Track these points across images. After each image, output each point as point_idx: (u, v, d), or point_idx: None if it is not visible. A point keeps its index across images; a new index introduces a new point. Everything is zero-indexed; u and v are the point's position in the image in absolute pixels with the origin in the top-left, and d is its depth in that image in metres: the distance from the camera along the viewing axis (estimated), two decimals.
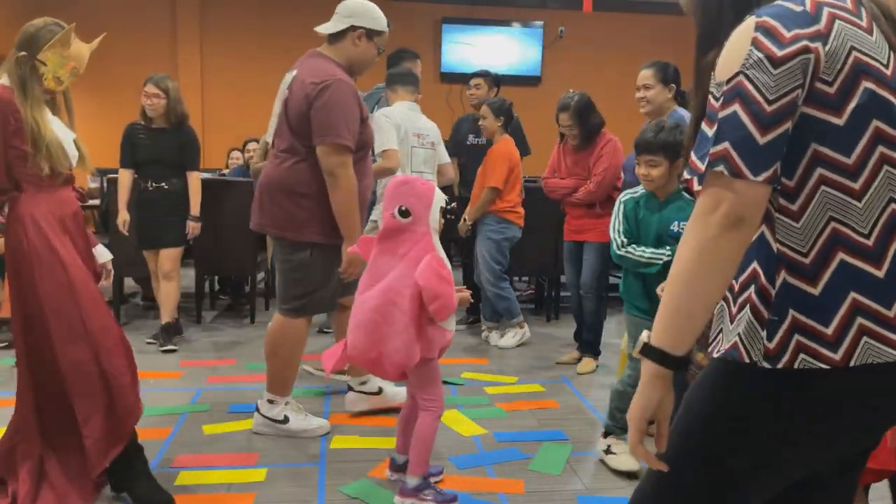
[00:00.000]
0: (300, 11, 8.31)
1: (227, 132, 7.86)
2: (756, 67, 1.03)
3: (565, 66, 8.60)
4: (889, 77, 1.07)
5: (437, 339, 2.39)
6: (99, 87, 8.13)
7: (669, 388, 1.10)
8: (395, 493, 2.48)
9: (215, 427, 3.08)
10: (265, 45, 8.31)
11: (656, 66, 3.47)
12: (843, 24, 1.06)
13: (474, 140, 4.84)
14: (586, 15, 7.20)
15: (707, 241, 1.03)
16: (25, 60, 2.30)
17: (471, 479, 2.67)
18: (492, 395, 3.61)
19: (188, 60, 8.25)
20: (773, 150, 1.02)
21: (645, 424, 1.12)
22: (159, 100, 4.26)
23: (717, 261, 1.03)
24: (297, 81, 2.83)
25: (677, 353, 1.07)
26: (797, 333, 1.07)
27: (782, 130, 1.03)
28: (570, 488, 2.62)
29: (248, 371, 3.91)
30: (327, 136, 2.74)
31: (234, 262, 4.94)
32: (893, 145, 1.06)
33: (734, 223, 1.01)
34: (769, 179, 1.02)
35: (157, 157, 4.33)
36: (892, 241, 1.06)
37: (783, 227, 1.09)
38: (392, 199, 2.39)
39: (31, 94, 2.29)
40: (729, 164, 1.02)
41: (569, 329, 5.07)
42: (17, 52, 2.31)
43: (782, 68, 1.02)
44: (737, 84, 1.04)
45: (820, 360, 1.06)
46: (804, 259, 1.07)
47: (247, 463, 2.75)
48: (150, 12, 8.13)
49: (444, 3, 8.53)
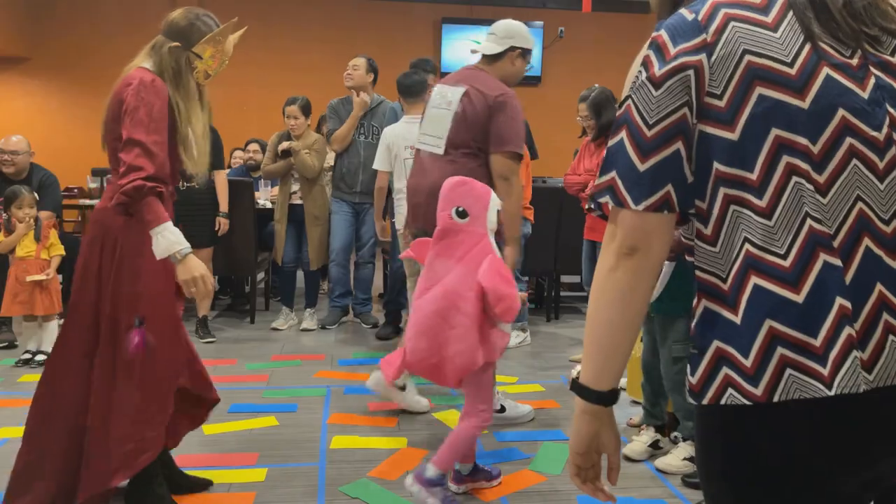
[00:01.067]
0: (300, 12, 8.31)
1: (227, 132, 7.84)
2: (640, 90, 0.98)
3: (565, 66, 8.60)
4: (794, 76, 0.94)
5: (498, 342, 2.37)
6: (99, 88, 8.13)
7: (604, 423, 1.04)
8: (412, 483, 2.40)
9: (215, 427, 3.08)
10: (265, 46, 8.30)
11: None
12: (737, 26, 0.96)
13: None
14: (586, 15, 7.19)
15: (606, 272, 1.00)
16: (180, 51, 2.23)
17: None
18: None
19: None
20: (655, 177, 0.96)
21: (581, 459, 1.07)
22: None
23: (615, 291, 0.99)
24: (476, 93, 3.00)
25: (600, 388, 1.02)
26: (725, 365, 0.96)
27: (666, 154, 0.96)
28: (570, 488, 2.62)
29: (249, 371, 3.91)
30: (507, 145, 2.94)
31: (235, 262, 4.94)
32: (800, 153, 0.93)
33: (627, 253, 0.98)
34: (653, 207, 0.96)
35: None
36: (812, 262, 0.93)
37: (702, 253, 1.01)
38: (449, 200, 2.38)
39: (186, 86, 2.23)
40: (614, 194, 0.98)
41: (569, 329, 5.07)
42: (169, 41, 2.23)
43: (662, 89, 0.96)
44: (625, 109, 1.00)
45: (743, 395, 0.94)
46: (723, 284, 0.98)
47: (247, 463, 2.75)
48: (150, 12, 8.11)
49: (444, 3, 8.53)
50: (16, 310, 4.02)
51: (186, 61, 2.23)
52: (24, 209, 4.07)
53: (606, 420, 1.05)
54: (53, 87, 8.14)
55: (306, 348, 4.44)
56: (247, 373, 3.88)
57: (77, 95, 8.17)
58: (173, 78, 2.21)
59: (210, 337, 4.55)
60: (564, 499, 2.55)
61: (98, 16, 8.00)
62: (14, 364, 3.99)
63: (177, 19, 2.27)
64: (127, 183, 2.03)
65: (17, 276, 3.98)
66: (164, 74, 2.20)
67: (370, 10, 8.24)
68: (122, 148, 2.08)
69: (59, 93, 8.16)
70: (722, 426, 0.98)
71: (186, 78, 2.23)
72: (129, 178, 2.03)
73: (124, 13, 8.08)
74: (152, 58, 2.24)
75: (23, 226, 4.04)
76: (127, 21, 8.13)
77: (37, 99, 8.09)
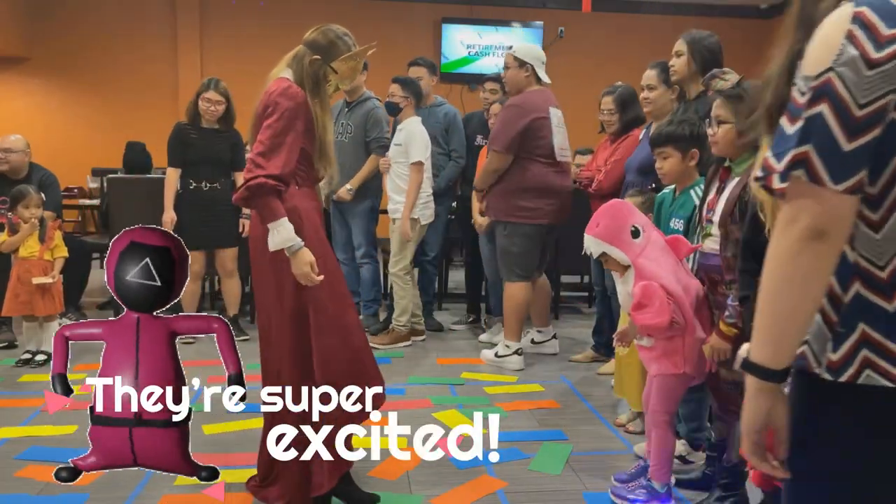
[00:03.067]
0: (300, 11, 8.31)
1: None
2: (848, 66, 0.94)
3: (565, 66, 8.58)
4: None
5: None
6: (99, 88, 8.13)
7: (778, 399, 1.06)
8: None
9: (215, 427, 3.08)
10: (265, 45, 8.29)
11: (660, 66, 3.45)
12: None
13: (482, 141, 4.85)
14: (586, 15, 7.19)
15: (787, 254, 0.97)
16: (319, 64, 2.39)
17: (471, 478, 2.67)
18: (492, 395, 3.61)
19: (188, 60, 8.24)
20: (858, 158, 0.95)
21: (757, 436, 1.08)
22: (221, 106, 4.36)
23: (798, 276, 0.97)
24: None
25: (777, 367, 1.03)
26: (865, 348, 1.01)
27: (870, 137, 0.95)
28: (570, 488, 2.63)
29: (249, 371, 3.90)
30: None
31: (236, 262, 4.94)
32: None
33: (815, 236, 0.95)
34: (851, 189, 0.95)
35: (211, 158, 4.41)
36: None
37: (862, 237, 1.01)
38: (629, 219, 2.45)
39: (322, 96, 2.40)
40: (809, 170, 0.95)
41: (570, 328, 5.07)
42: (311, 54, 2.40)
43: (877, 71, 0.94)
44: (825, 82, 0.95)
45: (887, 377, 1.00)
46: (881, 273, 1.00)
47: (247, 463, 2.75)
48: (150, 12, 8.13)
49: (444, 3, 8.53)
50: (17, 310, 4.00)
51: (323, 74, 2.40)
52: (30, 209, 4.04)
53: (780, 396, 1.07)
54: (53, 87, 8.13)
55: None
56: (247, 372, 3.85)
57: (77, 95, 8.16)
58: (312, 88, 2.38)
59: (244, 335, 4.53)
60: (565, 499, 2.55)
61: (98, 16, 7.99)
62: (14, 364, 3.98)
63: (322, 34, 2.44)
64: (251, 179, 2.20)
65: (20, 277, 3.96)
66: (303, 83, 2.37)
67: (370, 10, 8.24)
68: (254, 148, 2.26)
69: (59, 92, 8.15)
70: (853, 404, 1.03)
71: (323, 88, 2.41)
72: (253, 175, 2.20)
73: (124, 13, 8.07)
74: (292, 67, 2.40)
75: (28, 226, 4.01)
76: (127, 21, 8.13)
77: (37, 99, 8.08)
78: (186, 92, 8.49)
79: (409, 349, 4.44)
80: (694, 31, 3.21)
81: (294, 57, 2.42)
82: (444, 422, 3.24)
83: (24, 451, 2.83)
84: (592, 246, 2.41)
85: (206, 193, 4.39)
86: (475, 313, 5.10)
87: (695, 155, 2.67)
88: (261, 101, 2.35)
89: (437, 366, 4.18)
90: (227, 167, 4.47)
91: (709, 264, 2.38)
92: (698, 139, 2.64)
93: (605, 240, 2.37)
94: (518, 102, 3.93)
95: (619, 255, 2.37)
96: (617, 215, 2.41)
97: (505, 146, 3.87)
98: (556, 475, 2.72)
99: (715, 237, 2.34)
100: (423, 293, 4.80)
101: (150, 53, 8.16)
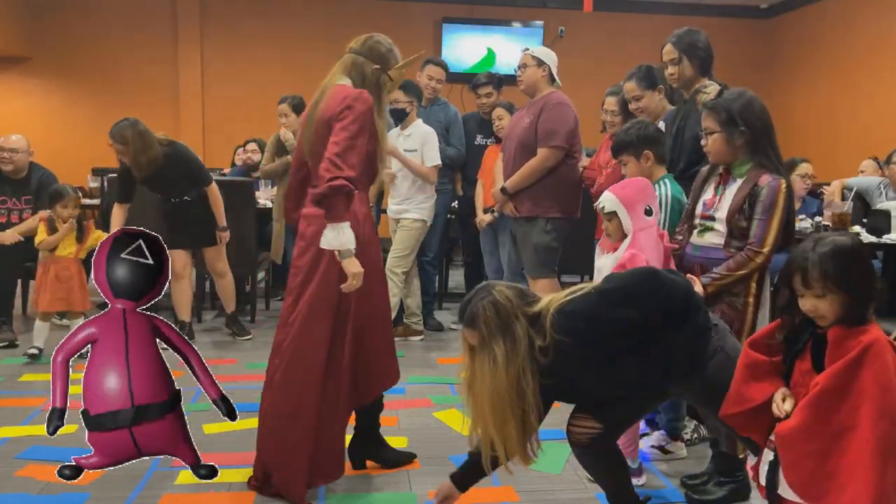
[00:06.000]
0: (300, 12, 8.31)
1: (227, 132, 7.86)
2: None
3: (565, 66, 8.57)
4: None
5: None
6: (99, 87, 8.13)
7: None
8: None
9: (215, 426, 3.09)
10: (265, 45, 8.30)
11: (636, 75, 3.45)
12: None
13: (482, 141, 4.84)
14: (586, 15, 7.18)
15: None
16: (379, 73, 2.50)
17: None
18: None
19: (188, 60, 8.25)
20: None
21: None
22: (125, 155, 4.15)
23: None
24: None
25: None
26: None
27: None
28: (570, 487, 2.63)
29: (249, 370, 3.91)
30: None
31: (235, 262, 4.94)
32: None
33: None
34: None
35: (166, 188, 4.34)
36: None
37: None
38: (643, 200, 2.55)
39: (381, 103, 2.52)
40: None
41: None
42: (371, 63, 2.49)
43: None
44: None
45: None
46: None
47: (247, 462, 2.75)
48: (150, 12, 8.13)
49: (444, 3, 8.53)
50: (55, 305, 4.13)
51: (383, 82, 2.52)
52: (69, 209, 4.15)
53: None
54: (53, 87, 8.13)
55: None
56: (247, 372, 3.87)
57: (77, 95, 8.17)
58: (376, 96, 2.47)
59: (247, 335, 4.57)
60: (565, 499, 2.56)
61: (98, 16, 8.00)
62: (23, 357, 4.02)
63: (376, 44, 2.53)
64: (331, 178, 2.26)
65: (58, 275, 4.08)
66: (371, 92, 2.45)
67: (370, 10, 8.24)
68: (329, 149, 2.31)
69: (59, 92, 8.15)
70: None
71: (383, 97, 2.54)
72: (333, 175, 2.26)
73: (125, 13, 8.08)
74: (350, 76, 2.48)
75: (67, 226, 4.12)
76: (127, 21, 8.13)
77: (37, 99, 8.08)
78: (186, 92, 8.54)
79: (408, 349, 4.44)
80: (682, 34, 3.19)
81: (352, 65, 2.49)
82: (444, 421, 3.25)
83: (25, 451, 2.84)
84: (610, 203, 2.53)
85: (179, 205, 4.35)
86: None
87: (648, 156, 2.82)
88: (328, 104, 2.40)
89: (437, 365, 4.18)
90: (191, 184, 4.31)
91: (708, 257, 2.50)
92: (647, 140, 2.82)
93: (625, 203, 2.49)
94: (564, 100, 4.00)
95: (626, 221, 2.48)
96: (643, 190, 2.57)
97: (567, 142, 3.91)
98: (556, 474, 2.72)
99: (718, 231, 2.47)
100: (423, 293, 4.80)
101: (151, 53, 8.17)
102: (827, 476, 1.61)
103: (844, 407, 1.59)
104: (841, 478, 1.59)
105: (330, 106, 2.38)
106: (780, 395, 1.73)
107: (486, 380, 1.98)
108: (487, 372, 1.97)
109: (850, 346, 1.62)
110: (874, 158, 5.54)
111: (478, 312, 2.01)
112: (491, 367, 1.96)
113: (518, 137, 4.00)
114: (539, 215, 3.94)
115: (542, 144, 3.91)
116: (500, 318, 1.99)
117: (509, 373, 1.96)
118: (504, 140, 4.23)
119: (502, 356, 1.95)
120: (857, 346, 1.61)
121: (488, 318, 1.98)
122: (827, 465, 1.61)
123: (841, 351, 1.63)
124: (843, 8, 7.82)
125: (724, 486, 2.50)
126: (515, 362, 1.96)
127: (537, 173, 3.93)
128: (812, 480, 1.63)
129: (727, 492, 2.49)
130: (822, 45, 8.15)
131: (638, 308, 1.99)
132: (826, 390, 1.60)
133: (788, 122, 8.18)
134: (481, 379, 1.99)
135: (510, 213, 4.06)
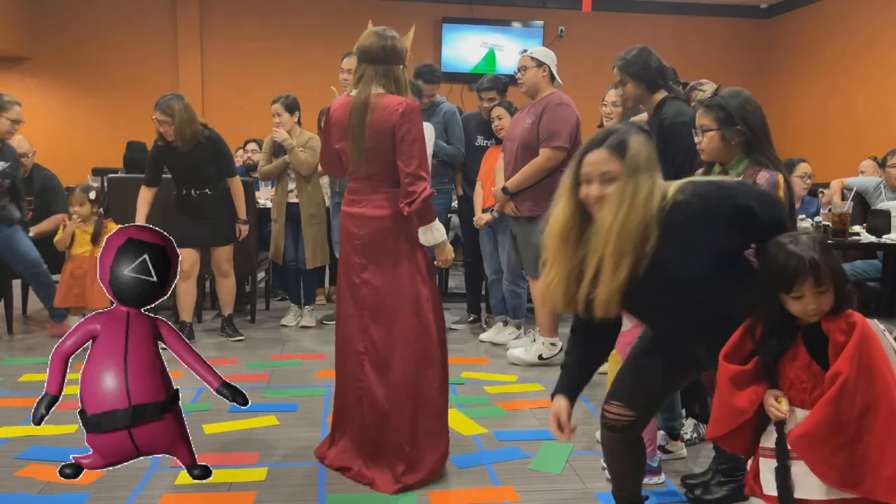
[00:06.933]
0: (299, 12, 8.31)
1: (227, 132, 7.84)
2: None
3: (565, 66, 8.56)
4: None
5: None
6: (99, 87, 8.14)
7: None
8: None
9: (215, 426, 3.09)
10: (265, 46, 8.31)
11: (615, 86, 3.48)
12: None
13: (483, 142, 4.84)
14: (586, 15, 7.19)
15: None
16: (404, 71, 2.64)
17: (471, 478, 2.67)
18: (492, 395, 3.61)
19: (188, 60, 8.25)
20: None
21: None
22: (169, 126, 4.21)
23: None
24: None
25: None
26: None
27: None
28: (570, 488, 2.63)
29: (249, 370, 3.91)
30: None
31: (235, 261, 4.94)
32: None
33: None
34: None
35: (192, 173, 4.35)
36: None
37: None
38: None
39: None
40: None
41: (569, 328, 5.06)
42: (397, 66, 2.60)
43: None
44: None
45: None
46: None
47: (247, 462, 2.75)
48: (150, 12, 8.14)
49: (444, 3, 8.54)
50: (71, 301, 4.34)
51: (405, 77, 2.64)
52: (73, 206, 4.33)
53: None
54: (53, 87, 8.14)
55: (307, 348, 4.44)
56: (247, 372, 3.88)
57: (77, 95, 8.17)
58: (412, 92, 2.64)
59: (239, 336, 4.56)
60: (564, 499, 2.56)
61: (98, 16, 8.01)
62: (24, 358, 4.00)
63: (395, 43, 2.63)
64: (421, 191, 2.51)
65: (73, 272, 4.27)
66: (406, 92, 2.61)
67: (370, 10, 8.20)
68: (408, 164, 2.52)
69: (59, 92, 8.16)
70: None
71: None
72: (420, 187, 2.52)
73: (124, 13, 8.08)
74: (384, 84, 2.57)
75: (71, 222, 4.30)
76: (127, 21, 8.14)
77: (37, 99, 8.08)
78: (186, 92, 8.46)
79: None
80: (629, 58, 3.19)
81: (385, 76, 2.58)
82: None
83: (25, 451, 2.83)
84: None
85: (196, 199, 4.36)
86: (475, 313, 5.10)
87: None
88: (382, 116, 2.52)
89: None
90: (215, 175, 4.37)
91: None
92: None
93: None
94: (565, 101, 4.02)
95: None
96: None
97: (569, 142, 3.92)
98: (556, 474, 2.72)
99: None
100: None
101: (151, 53, 8.17)
102: (859, 461, 1.62)
103: (861, 387, 1.61)
104: (873, 457, 1.61)
105: (385, 118, 2.51)
106: (772, 397, 1.72)
107: (622, 206, 1.84)
108: (627, 199, 1.84)
109: (845, 331, 1.65)
110: (874, 158, 5.55)
111: (629, 143, 1.89)
112: (630, 198, 1.84)
113: (520, 138, 4.00)
114: (540, 215, 3.94)
115: (545, 145, 3.91)
116: (649, 159, 1.89)
117: (646, 210, 1.84)
118: (505, 140, 4.23)
119: (645, 193, 1.85)
120: (852, 327, 1.64)
121: (639, 153, 1.88)
122: (857, 450, 1.62)
123: (842, 337, 1.65)
124: (843, 8, 7.83)
125: (724, 485, 2.50)
126: (650, 206, 1.86)
127: (539, 174, 3.93)
128: (847, 470, 1.63)
129: (727, 491, 2.49)
130: (821, 46, 8.16)
131: (781, 209, 1.95)
132: (850, 377, 1.61)
133: (785, 121, 8.19)
134: (617, 204, 1.85)
135: (511, 212, 4.06)
